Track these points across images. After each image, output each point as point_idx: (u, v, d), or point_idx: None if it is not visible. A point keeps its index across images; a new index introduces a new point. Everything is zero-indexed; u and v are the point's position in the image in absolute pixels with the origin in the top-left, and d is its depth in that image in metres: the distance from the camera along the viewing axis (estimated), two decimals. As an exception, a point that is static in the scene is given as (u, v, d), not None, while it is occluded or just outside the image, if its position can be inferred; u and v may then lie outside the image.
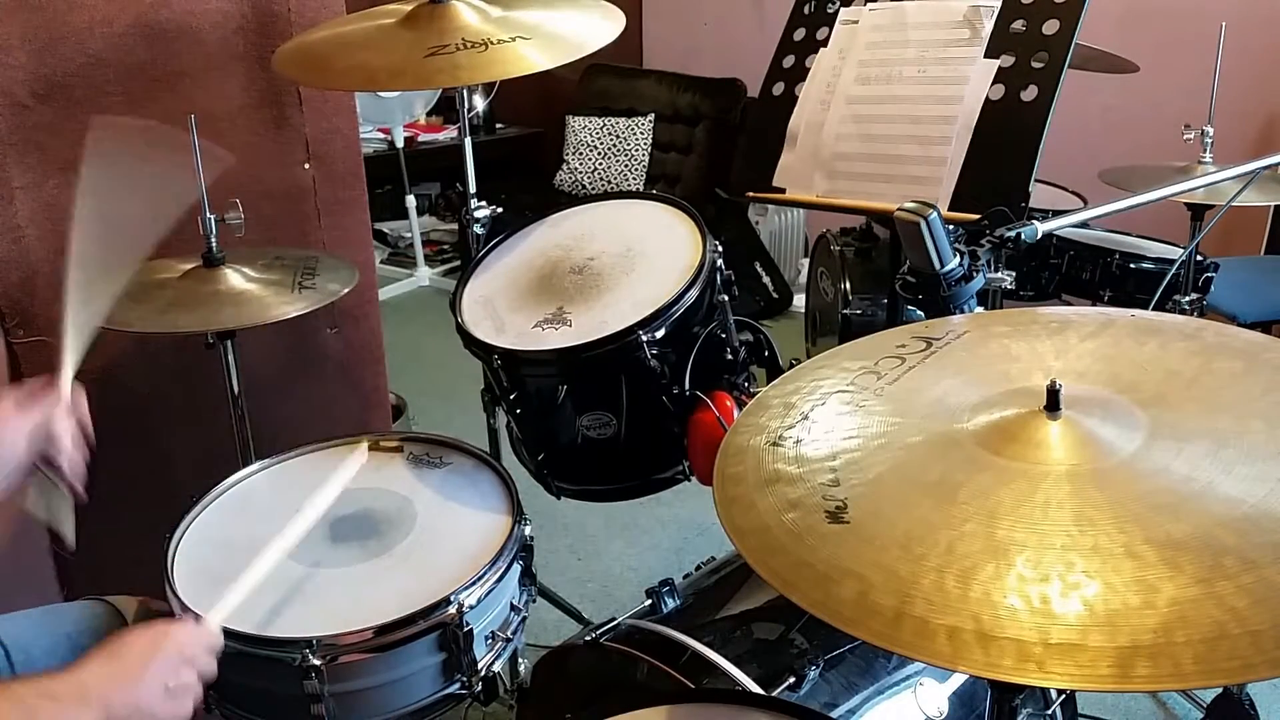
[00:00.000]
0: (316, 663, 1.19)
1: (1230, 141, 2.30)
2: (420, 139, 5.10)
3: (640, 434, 1.57)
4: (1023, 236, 1.24)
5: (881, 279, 2.52)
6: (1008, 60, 1.63)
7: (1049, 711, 1.29)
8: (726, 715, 1.09)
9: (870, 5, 1.84)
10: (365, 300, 2.24)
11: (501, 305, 1.61)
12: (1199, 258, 2.19)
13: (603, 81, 4.85)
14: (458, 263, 5.01)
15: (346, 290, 1.70)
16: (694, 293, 1.50)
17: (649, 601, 1.41)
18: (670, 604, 1.40)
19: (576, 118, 4.83)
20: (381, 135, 4.91)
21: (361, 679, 1.24)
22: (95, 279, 1.18)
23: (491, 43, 1.62)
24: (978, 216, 1.53)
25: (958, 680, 1.31)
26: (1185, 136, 2.14)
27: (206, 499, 1.48)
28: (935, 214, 1.17)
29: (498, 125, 5.41)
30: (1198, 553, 0.68)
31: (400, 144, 4.68)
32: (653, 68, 4.91)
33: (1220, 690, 1.89)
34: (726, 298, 1.57)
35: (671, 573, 1.55)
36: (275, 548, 1.20)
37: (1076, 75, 1.69)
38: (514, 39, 1.63)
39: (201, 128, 1.64)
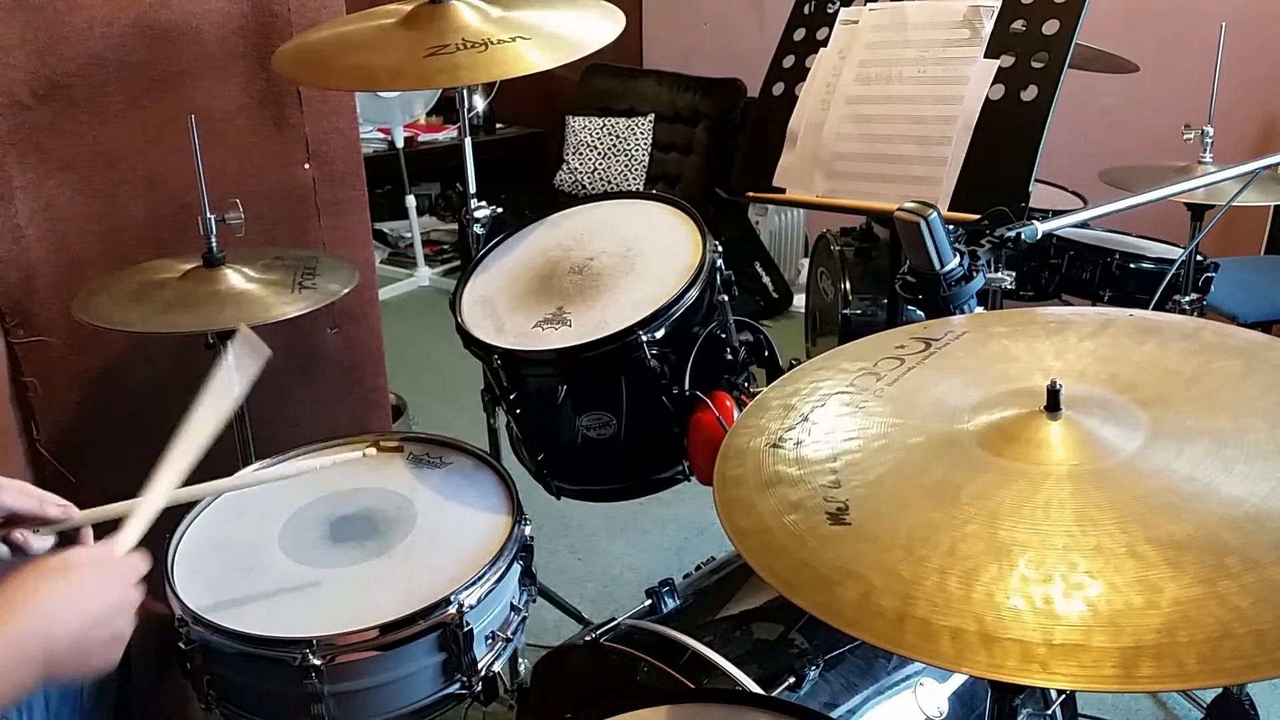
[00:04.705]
0: (316, 663, 1.19)
1: (1230, 141, 2.30)
2: (420, 139, 5.10)
3: (640, 434, 1.57)
4: (1023, 236, 1.24)
5: (881, 279, 2.52)
6: (1008, 60, 1.63)
7: (1049, 712, 1.28)
8: (726, 715, 1.09)
9: (870, 5, 1.84)
10: (365, 300, 2.24)
11: (501, 305, 1.61)
12: (1199, 258, 2.19)
13: (603, 81, 4.86)
14: (458, 263, 5.01)
15: (346, 290, 1.70)
16: (694, 293, 1.50)
17: (649, 601, 1.41)
18: (670, 604, 1.40)
19: (576, 118, 4.83)
20: (381, 135, 4.91)
21: (361, 679, 1.24)
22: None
23: (491, 43, 1.62)
24: (978, 216, 1.53)
25: (958, 680, 1.31)
26: (1185, 136, 2.14)
27: (206, 499, 1.47)
28: (935, 214, 1.17)
29: (498, 125, 5.41)
30: (1200, 552, 0.68)
31: (400, 144, 4.68)
32: (653, 68, 4.92)
33: (1220, 690, 1.89)
34: (726, 298, 1.57)
35: (671, 573, 1.55)
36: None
37: (1076, 75, 1.69)
38: (514, 39, 1.63)
39: (201, 128, 1.64)
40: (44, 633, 0.88)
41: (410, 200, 4.76)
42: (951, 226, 1.21)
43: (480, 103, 4.97)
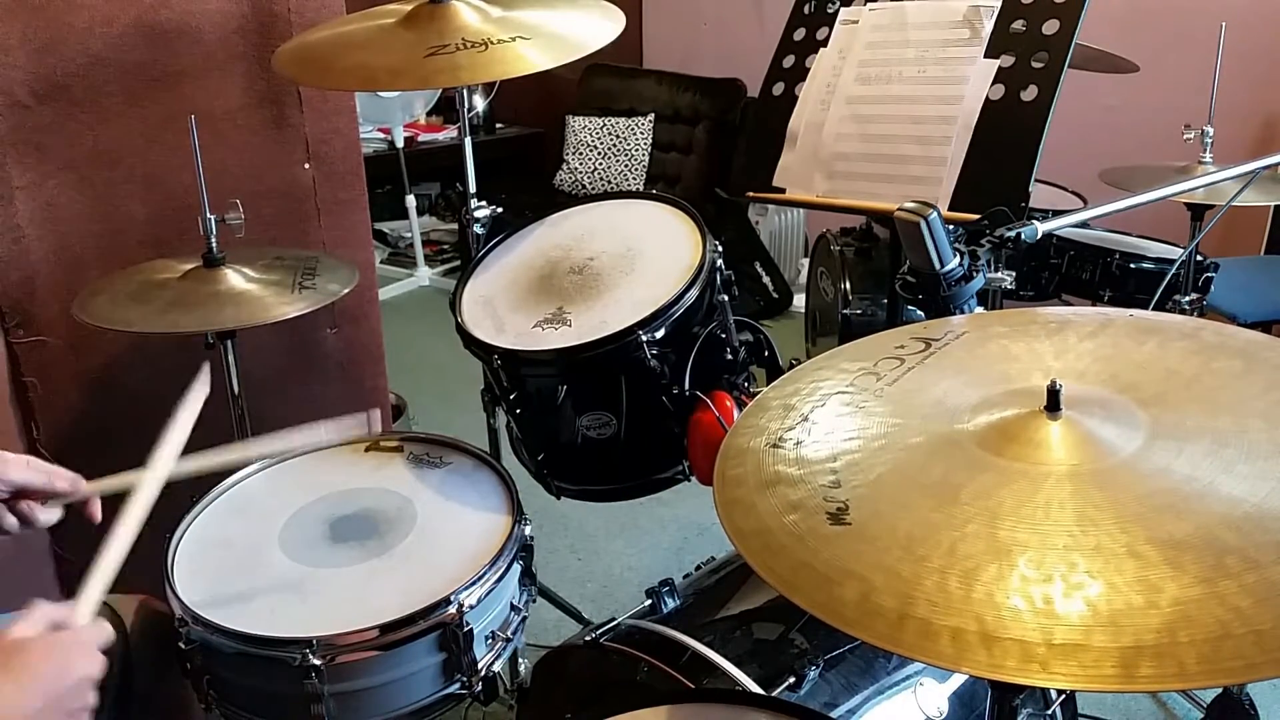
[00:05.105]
0: (316, 663, 1.19)
1: (1230, 141, 2.30)
2: (420, 139, 5.10)
3: (640, 434, 1.56)
4: (1023, 236, 1.24)
5: (881, 279, 2.52)
6: (1008, 60, 1.63)
7: (1049, 712, 1.28)
8: (726, 715, 1.09)
9: (870, 5, 1.84)
10: (365, 300, 2.24)
11: (501, 305, 1.61)
12: (1199, 258, 2.19)
13: (603, 81, 4.86)
14: (458, 263, 5.01)
15: (346, 290, 1.70)
16: (694, 293, 1.50)
17: (649, 601, 1.41)
18: (670, 604, 1.40)
19: (576, 118, 4.83)
20: (381, 135, 4.91)
21: (361, 679, 1.24)
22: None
23: (491, 43, 1.62)
24: (978, 216, 1.53)
25: (958, 680, 1.31)
26: (1185, 136, 2.14)
27: (206, 499, 1.48)
28: (935, 214, 1.16)
29: (498, 125, 5.41)
30: (1200, 552, 0.68)
31: (400, 144, 4.68)
32: (653, 68, 4.91)
33: (1220, 690, 1.89)
34: (726, 298, 1.57)
35: (671, 573, 1.56)
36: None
37: (1076, 75, 1.69)
38: (514, 39, 1.63)
39: (201, 128, 1.64)
40: None
41: (410, 200, 4.76)
42: (951, 226, 1.20)
43: (480, 103, 4.97)
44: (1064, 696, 1.36)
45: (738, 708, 1.10)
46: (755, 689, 1.20)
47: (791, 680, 1.22)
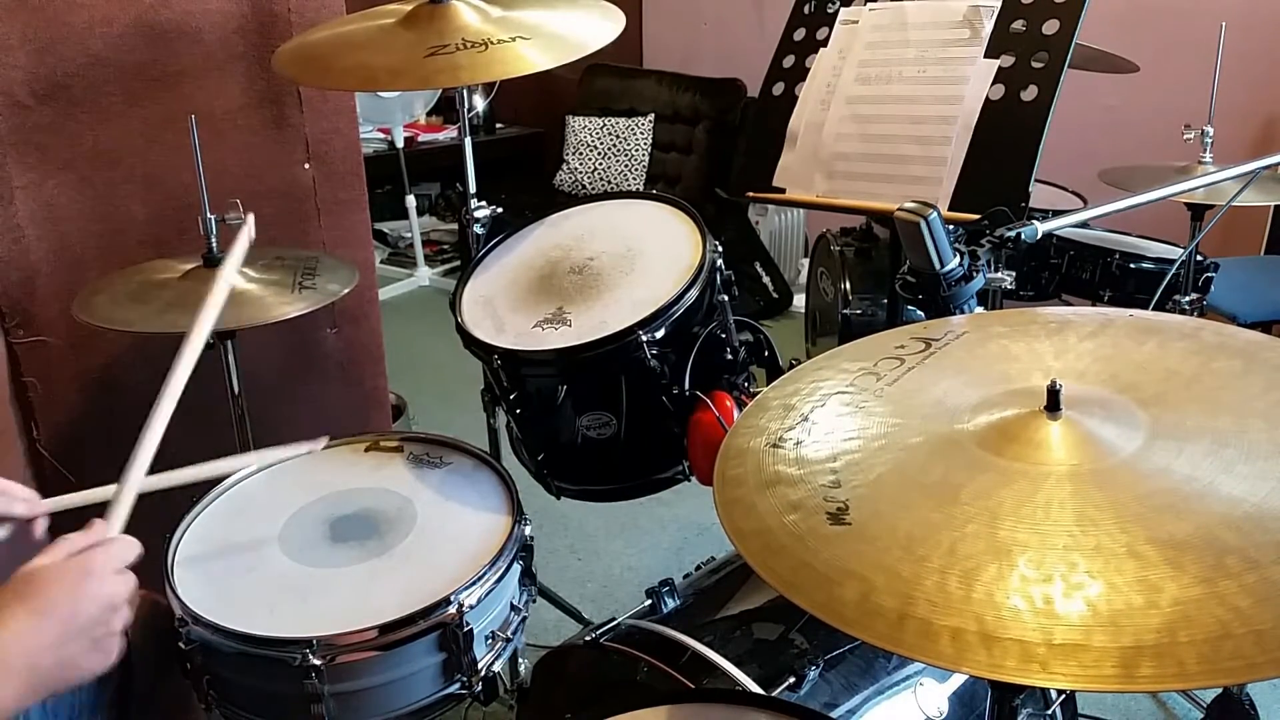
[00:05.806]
0: (316, 663, 1.19)
1: (1230, 141, 2.30)
2: (420, 139, 5.10)
3: (640, 434, 1.57)
4: (1023, 236, 1.24)
5: (881, 279, 2.52)
6: (1008, 60, 1.63)
7: (1049, 712, 1.28)
8: (726, 715, 1.09)
9: (870, 5, 1.84)
10: (365, 300, 2.24)
11: (501, 305, 1.61)
12: (1199, 258, 2.19)
13: (603, 81, 4.86)
14: (458, 263, 5.01)
15: (346, 290, 1.70)
16: (694, 293, 1.50)
17: (649, 601, 1.41)
18: (670, 604, 1.40)
19: (576, 118, 4.83)
20: (381, 135, 4.91)
21: (361, 679, 1.24)
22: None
23: (491, 43, 1.62)
24: (978, 216, 1.53)
25: (958, 680, 1.31)
26: (1185, 136, 2.14)
27: (206, 499, 1.47)
28: (935, 214, 1.17)
29: (498, 125, 5.41)
30: (1200, 552, 0.68)
31: (400, 144, 4.68)
32: (653, 68, 4.91)
33: (1220, 690, 1.89)
34: (726, 298, 1.57)
35: (671, 573, 1.55)
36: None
37: (1076, 75, 1.69)
38: (514, 39, 1.63)
39: (201, 128, 1.64)
40: (23, 654, 0.83)
41: (410, 200, 4.76)
42: (951, 226, 1.21)
43: (480, 103, 4.97)
44: (1064, 696, 1.36)
45: (738, 708, 1.10)
46: (755, 689, 1.20)
47: (791, 680, 1.22)
